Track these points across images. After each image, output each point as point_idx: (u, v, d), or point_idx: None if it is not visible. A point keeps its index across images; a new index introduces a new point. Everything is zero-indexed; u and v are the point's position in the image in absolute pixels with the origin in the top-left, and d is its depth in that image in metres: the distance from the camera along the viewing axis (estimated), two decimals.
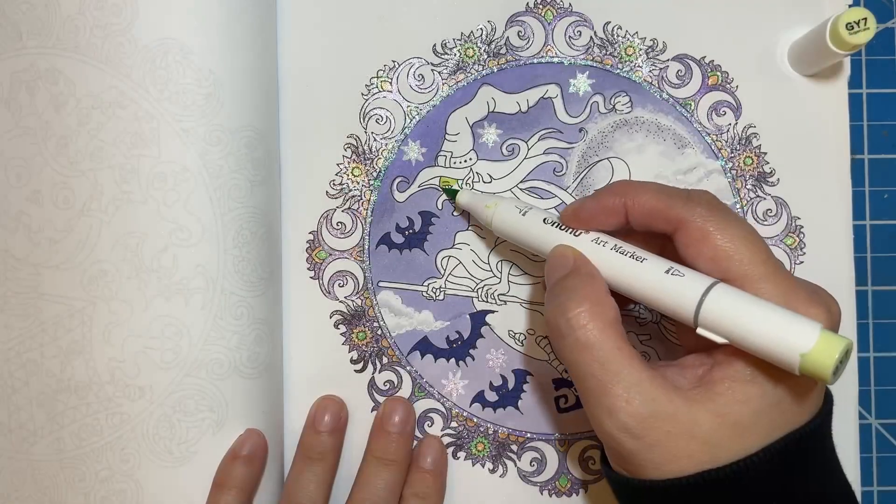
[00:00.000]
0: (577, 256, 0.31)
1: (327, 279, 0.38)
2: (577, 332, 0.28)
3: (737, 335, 0.26)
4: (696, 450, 0.26)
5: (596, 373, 0.27)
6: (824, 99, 0.37)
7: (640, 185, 0.30)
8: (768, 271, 0.27)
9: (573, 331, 0.28)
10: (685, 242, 0.28)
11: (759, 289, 0.27)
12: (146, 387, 0.34)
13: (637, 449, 0.27)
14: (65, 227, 0.34)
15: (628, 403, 0.27)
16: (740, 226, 0.28)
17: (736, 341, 0.26)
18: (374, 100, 0.38)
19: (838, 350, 0.24)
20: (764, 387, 0.27)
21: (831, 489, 0.28)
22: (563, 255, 0.31)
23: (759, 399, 0.26)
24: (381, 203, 0.38)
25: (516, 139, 0.38)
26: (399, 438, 0.36)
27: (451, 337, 0.38)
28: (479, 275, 0.38)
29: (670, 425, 0.26)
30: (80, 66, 0.34)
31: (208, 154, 0.34)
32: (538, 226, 0.33)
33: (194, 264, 0.34)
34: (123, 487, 0.35)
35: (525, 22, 0.38)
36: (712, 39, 0.38)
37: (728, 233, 0.28)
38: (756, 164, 0.37)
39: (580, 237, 0.31)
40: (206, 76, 0.34)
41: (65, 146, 0.34)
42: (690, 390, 0.27)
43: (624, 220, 0.30)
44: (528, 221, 0.33)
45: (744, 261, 0.27)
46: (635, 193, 0.30)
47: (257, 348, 0.35)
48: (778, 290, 0.27)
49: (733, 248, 0.27)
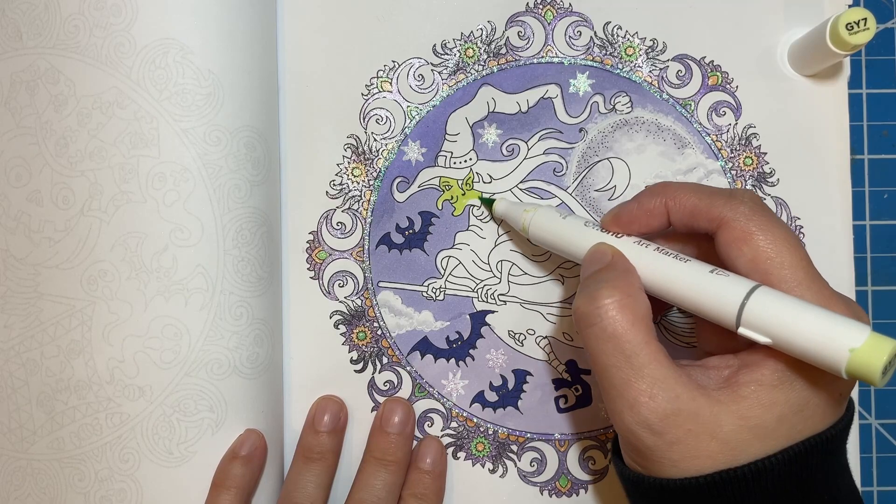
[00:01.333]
0: (616, 253, 0.30)
1: (327, 279, 0.38)
2: (604, 322, 0.27)
3: (783, 335, 0.26)
4: (716, 450, 0.26)
5: (621, 365, 0.27)
6: (824, 99, 0.37)
7: (680, 185, 0.30)
8: (808, 277, 0.27)
9: (601, 320, 0.28)
10: (727, 241, 0.28)
11: (799, 294, 0.27)
12: (146, 387, 0.34)
13: (656, 445, 0.27)
14: (65, 227, 0.34)
15: (651, 399, 0.27)
16: (783, 229, 0.28)
17: (781, 341, 0.26)
18: (374, 100, 0.38)
19: (888, 350, 0.24)
20: (789, 393, 0.26)
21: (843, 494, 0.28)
22: (601, 251, 0.31)
23: (783, 404, 0.26)
24: (381, 203, 0.38)
25: (516, 139, 0.38)
26: (398, 439, 0.36)
27: (451, 337, 0.38)
28: (479, 275, 0.38)
29: (692, 423, 0.26)
30: (80, 66, 0.34)
31: (208, 154, 0.34)
32: (579, 229, 0.33)
33: (194, 264, 0.34)
34: (123, 487, 0.35)
35: (525, 22, 0.38)
36: (712, 39, 0.38)
37: (771, 234, 0.27)
38: (756, 164, 0.37)
39: (622, 239, 0.31)
40: (205, 76, 0.34)
41: (65, 146, 0.34)
42: (715, 391, 0.27)
43: (666, 221, 0.30)
44: (568, 226, 0.33)
45: (784, 264, 0.27)
46: (676, 193, 0.30)
47: (257, 348, 0.35)
48: (817, 296, 0.27)
49: (775, 251, 0.27)
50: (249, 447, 0.35)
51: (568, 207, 0.38)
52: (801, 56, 0.36)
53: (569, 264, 0.38)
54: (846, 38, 0.33)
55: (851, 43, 0.33)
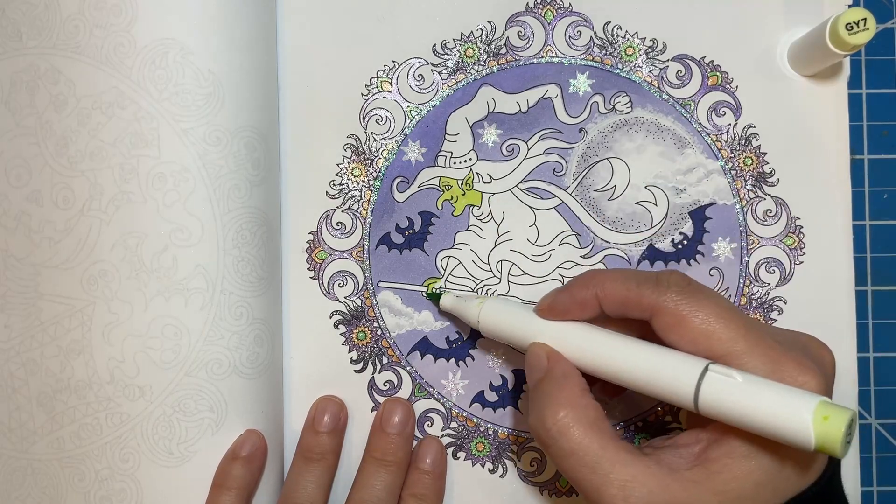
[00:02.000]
0: (551, 355, 0.31)
1: (327, 279, 0.38)
2: (559, 442, 0.28)
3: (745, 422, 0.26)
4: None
5: (587, 476, 0.27)
6: (824, 99, 0.37)
7: (608, 275, 0.30)
8: (750, 345, 0.27)
9: (555, 440, 0.28)
10: (662, 328, 0.28)
11: (745, 363, 0.27)
12: (146, 386, 0.34)
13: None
14: (65, 227, 0.34)
15: (625, 501, 0.27)
16: (714, 302, 0.28)
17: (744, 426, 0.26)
18: (374, 100, 0.38)
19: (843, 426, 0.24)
20: (762, 460, 0.26)
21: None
22: (536, 355, 0.31)
23: (758, 472, 0.26)
24: (381, 203, 0.38)
25: (516, 139, 0.38)
26: (398, 439, 0.36)
27: (451, 337, 0.38)
28: (479, 275, 0.38)
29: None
30: (80, 66, 0.34)
31: (208, 154, 0.34)
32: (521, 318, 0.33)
33: (194, 264, 0.34)
34: (123, 487, 0.35)
35: (525, 22, 0.38)
36: (712, 39, 0.38)
37: (702, 313, 0.27)
38: (756, 164, 0.37)
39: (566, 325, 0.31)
40: (205, 76, 0.34)
41: (65, 146, 0.34)
42: (688, 471, 0.27)
43: (598, 310, 0.30)
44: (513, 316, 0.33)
45: (723, 339, 0.27)
46: (604, 284, 0.30)
47: (257, 348, 0.35)
48: (764, 362, 0.27)
49: (711, 329, 0.27)
50: (250, 448, 0.35)
51: (568, 207, 0.38)
52: (800, 56, 0.36)
53: (568, 264, 0.38)
54: (846, 38, 0.33)
55: (851, 43, 0.33)
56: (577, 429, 0.28)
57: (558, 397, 0.29)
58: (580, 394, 0.29)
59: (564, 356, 0.31)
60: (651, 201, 0.38)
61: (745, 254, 0.37)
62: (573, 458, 0.28)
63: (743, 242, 0.37)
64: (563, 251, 0.38)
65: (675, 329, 0.28)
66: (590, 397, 0.29)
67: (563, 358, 0.30)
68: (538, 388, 0.30)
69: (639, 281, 0.29)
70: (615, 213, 0.38)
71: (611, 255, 0.38)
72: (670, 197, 0.37)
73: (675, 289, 0.28)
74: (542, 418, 0.28)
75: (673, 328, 0.28)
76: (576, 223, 0.38)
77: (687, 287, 0.28)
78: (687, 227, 0.37)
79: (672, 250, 0.37)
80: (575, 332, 0.31)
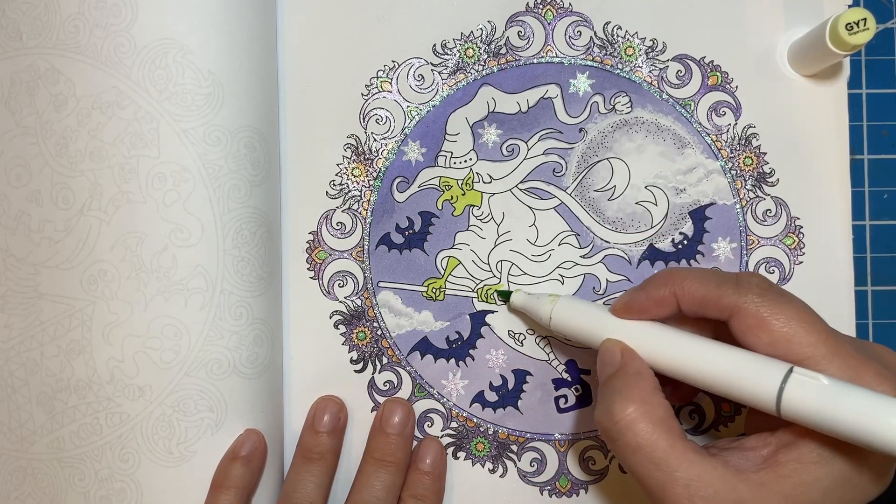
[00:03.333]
0: (625, 351, 0.30)
1: (327, 279, 0.38)
2: (626, 436, 0.28)
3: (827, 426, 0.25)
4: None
5: (653, 473, 0.27)
6: (824, 99, 0.37)
7: (686, 273, 0.30)
8: (830, 351, 0.27)
9: (622, 435, 0.28)
10: (742, 329, 0.28)
11: (825, 370, 0.26)
12: (146, 386, 0.34)
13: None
14: (65, 227, 0.34)
15: (690, 501, 0.26)
16: (795, 306, 0.28)
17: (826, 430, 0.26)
18: (374, 100, 0.38)
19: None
20: (832, 467, 0.26)
21: None
22: (609, 350, 0.31)
23: (827, 479, 0.26)
24: (381, 203, 0.38)
25: (516, 139, 0.38)
26: (398, 440, 0.36)
27: (451, 337, 0.38)
28: (479, 275, 0.38)
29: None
30: (80, 66, 0.34)
31: (208, 154, 0.34)
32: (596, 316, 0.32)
33: (194, 264, 0.34)
34: (123, 487, 0.35)
35: (525, 22, 0.38)
36: (712, 39, 0.38)
37: (784, 316, 0.27)
38: (756, 164, 0.37)
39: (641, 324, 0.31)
40: (205, 76, 0.34)
41: (65, 146, 0.34)
42: (756, 473, 0.27)
43: (675, 309, 0.30)
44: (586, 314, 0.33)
45: (803, 343, 0.27)
46: (683, 282, 0.29)
47: (257, 348, 0.35)
48: (844, 370, 0.26)
49: (791, 332, 0.27)
50: (249, 447, 0.35)
51: (567, 207, 0.38)
52: (800, 56, 0.36)
53: (568, 264, 0.38)
54: (846, 38, 0.33)
55: (851, 43, 0.33)
56: (646, 424, 0.27)
57: (629, 393, 0.28)
58: (651, 391, 0.29)
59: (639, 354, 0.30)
60: (651, 201, 0.38)
61: (745, 254, 0.37)
62: (639, 453, 0.27)
63: (743, 242, 0.37)
64: (562, 251, 0.38)
65: (754, 331, 0.28)
66: (661, 396, 0.29)
67: (637, 355, 0.30)
68: (609, 383, 0.29)
69: (718, 281, 0.29)
70: (615, 213, 0.38)
71: (611, 255, 0.38)
72: (670, 197, 0.37)
73: (757, 290, 0.28)
74: (610, 412, 0.28)
75: (753, 330, 0.28)
76: (575, 223, 0.38)
77: (768, 289, 0.28)
78: (687, 227, 0.37)
79: (672, 250, 0.37)
80: (651, 330, 0.31)
